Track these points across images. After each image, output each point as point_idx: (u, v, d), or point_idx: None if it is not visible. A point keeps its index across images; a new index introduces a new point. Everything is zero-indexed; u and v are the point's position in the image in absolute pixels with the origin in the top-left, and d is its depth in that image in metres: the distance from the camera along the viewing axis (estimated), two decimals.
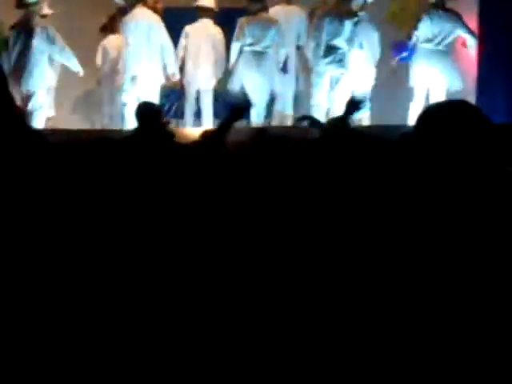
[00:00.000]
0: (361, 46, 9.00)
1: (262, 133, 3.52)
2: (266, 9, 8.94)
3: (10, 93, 2.48)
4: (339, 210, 2.62)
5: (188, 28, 9.12)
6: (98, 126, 9.41)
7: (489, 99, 8.58)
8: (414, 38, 8.80)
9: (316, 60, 8.86)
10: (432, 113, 2.35)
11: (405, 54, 8.97)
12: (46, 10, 8.69)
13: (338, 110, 8.02)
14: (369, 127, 8.66)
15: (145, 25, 8.52)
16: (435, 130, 2.30)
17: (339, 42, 8.79)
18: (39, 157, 2.40)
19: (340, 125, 4.58)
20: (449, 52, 8.89)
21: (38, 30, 8.43)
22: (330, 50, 8.78)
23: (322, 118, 7.95)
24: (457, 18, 8.78)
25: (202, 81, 9.12)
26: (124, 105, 8.58)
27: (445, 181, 2.27)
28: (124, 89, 8.57)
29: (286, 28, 9.03)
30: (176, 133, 5.41)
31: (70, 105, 9.70)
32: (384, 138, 3.30)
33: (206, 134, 4.18)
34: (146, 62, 8.54)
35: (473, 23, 8.97)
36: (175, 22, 9.11)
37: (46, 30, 8.46)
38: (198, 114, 9.42)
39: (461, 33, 8.80)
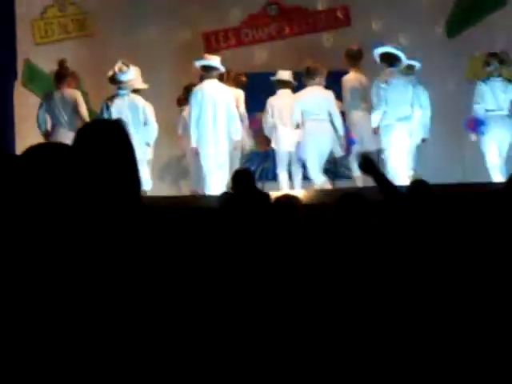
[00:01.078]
0: None
1: (349, 195, 3.55)
2: None
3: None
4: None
5: (271, 99, 9.28)
6: (185, 192, 9.58)
7: None
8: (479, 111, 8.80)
9: None
10: None
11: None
12: (139, 85, 8.89)
13: None
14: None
15: (211, 96, 8.68)
16: None
17: None
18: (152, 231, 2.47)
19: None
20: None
21: (129, 107, 8.66)
22: None
23: None
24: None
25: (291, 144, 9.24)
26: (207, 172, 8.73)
27: None
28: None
29: None
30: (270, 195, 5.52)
31: (158, 172, 9.90)
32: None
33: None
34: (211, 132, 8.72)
35: None
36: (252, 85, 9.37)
37: (137, 109, 8.69)
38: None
39: None
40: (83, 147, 2.47)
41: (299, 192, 8.01)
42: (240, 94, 9.07)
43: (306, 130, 8.86)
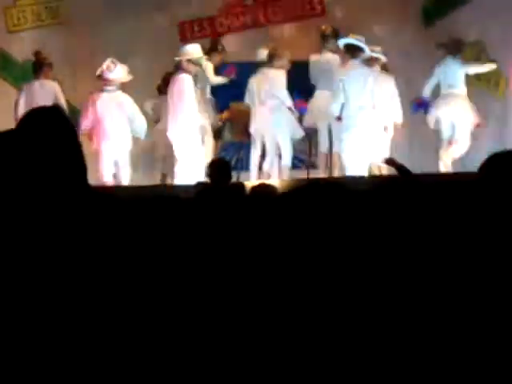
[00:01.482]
0: None
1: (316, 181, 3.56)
2: None
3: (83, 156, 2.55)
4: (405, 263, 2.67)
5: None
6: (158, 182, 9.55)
7: None
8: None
9: None
10: (499, 160, 2.41)
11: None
12: (124, 79, 9.02)
13: None
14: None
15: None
16: (502, 177, 2.35)
17: None
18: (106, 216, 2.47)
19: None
20: None
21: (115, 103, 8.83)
22: None
23: None
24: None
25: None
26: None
27: (506, 229, 2.32)
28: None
29: None
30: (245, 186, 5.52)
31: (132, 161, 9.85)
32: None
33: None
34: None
35: None
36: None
37: (124, 105, 8.87)
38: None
39: None
40: (24, 134, 2.45)
41: (275, 181, 8.01)
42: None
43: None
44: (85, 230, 2.38)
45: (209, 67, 9.34)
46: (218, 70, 9.50)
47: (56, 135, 2.45)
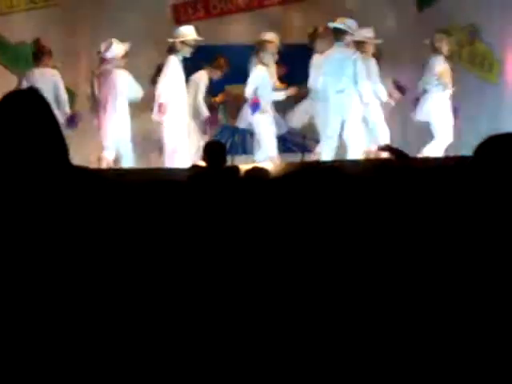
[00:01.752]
0: None
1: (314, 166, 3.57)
2: None
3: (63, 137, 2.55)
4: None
5: None
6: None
7: None
8: None
9: None
10: (491, 145, 2.41)
11: None
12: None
13: None
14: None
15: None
16: (493, 162, 2.36)
17: None
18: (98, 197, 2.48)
19: None
20: None
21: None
22: None
23: None
24: None
25: None
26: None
27: (500, 213, 2.33)
28: None
29: None
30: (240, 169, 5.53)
31: None
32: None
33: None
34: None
35: None
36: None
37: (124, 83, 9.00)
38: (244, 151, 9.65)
39: None
40: (1, 118, 2.47)
41: (269, 165, 8.01)
42: None
43: None
44: (69, 210, 2.39)
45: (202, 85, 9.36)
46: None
47: (33, 117, 2.47)
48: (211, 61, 9.47)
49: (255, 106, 9.18)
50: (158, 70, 9.29)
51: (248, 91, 9.11)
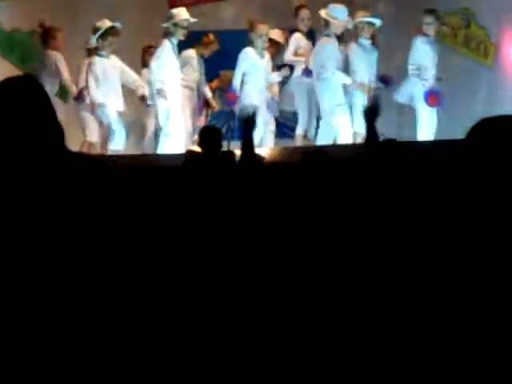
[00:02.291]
0: None
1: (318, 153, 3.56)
2: None
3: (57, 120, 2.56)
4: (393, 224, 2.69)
5: None
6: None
7: None
8: None
9: None
10: (484, 127, 2.42)
11: None
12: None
13: None
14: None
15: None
16: (486, 144, 2.36)
17: None
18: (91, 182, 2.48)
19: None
20: None
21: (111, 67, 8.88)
22: None
23: None
24: None
25: None
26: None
27: (493, 194, 2.33)
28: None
29: None
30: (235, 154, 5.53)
31: None
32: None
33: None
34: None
35: None
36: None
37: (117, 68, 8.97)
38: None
39: None
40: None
41: (263, 150, 8.02)
42: None
43: None
44: (64, 195, 2.39)
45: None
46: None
47: (29, 102, 2.47)
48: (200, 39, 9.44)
49: (232, 103, 9.18)
50: (144, 52, 9.27)
51: (235, 78, 9.08)
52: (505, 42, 9.54)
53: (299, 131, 9.48)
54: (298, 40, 9.43)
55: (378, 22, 9.12)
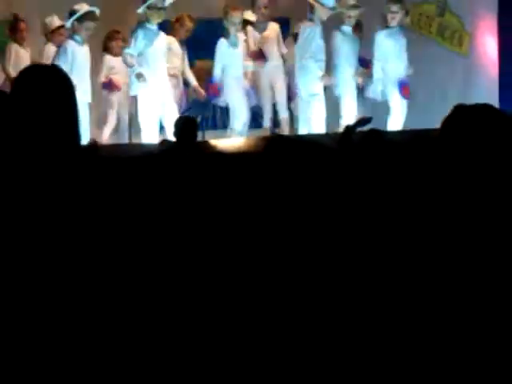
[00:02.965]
0: None
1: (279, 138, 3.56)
2: None
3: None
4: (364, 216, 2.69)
5: None
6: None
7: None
8: None
9: None
10: (458, 116, 2.43)
11: None
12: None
13: None
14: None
15: None
16: (459, 133, 2.38)
17: None
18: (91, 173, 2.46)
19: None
20: None
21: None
22: None
23: None
24: None
25: None
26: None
27: (468, 182, 2.34)
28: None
29: None
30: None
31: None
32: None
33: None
34: None
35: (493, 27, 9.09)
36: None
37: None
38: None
39: None
40: (21, 93, 2.43)
41: (240, 139, 8.01)
42: None
43: None
44: (76, 190, 2.38)
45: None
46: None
47: (52, 93, 2.43)
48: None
49: (213, 96, 9.13)
50: (109, 37, 9.20)
51: (216, 69, 9.00)
52: (479, 31, 9.57)
53: (267, 123, 9.47)
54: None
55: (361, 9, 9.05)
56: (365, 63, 9.29)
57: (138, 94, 8.65)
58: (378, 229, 2.58)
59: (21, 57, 8.98)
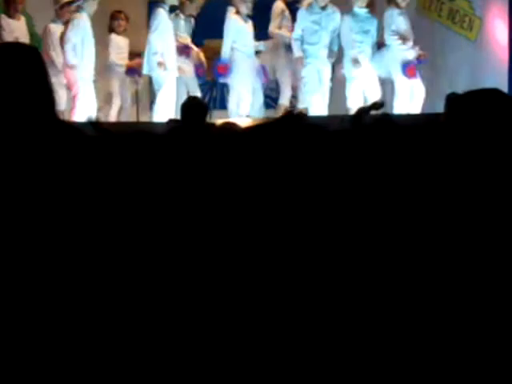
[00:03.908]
0: None
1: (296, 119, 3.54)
2: None
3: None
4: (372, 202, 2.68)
5: None
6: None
7: None
8: None
9: None
10: (465, 100, 2.41)
11: None
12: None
13: None
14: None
15: None
16: (467, 117, 2.36)
17: None
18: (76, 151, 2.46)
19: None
20: None
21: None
22: None
23: None
24: None
25: None
26: None
27: (474, 168, 2.33)
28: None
29: None
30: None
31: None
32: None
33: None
34: None
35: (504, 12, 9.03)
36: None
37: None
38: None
39: None
40: None
41: (248, 120, 8.00)
42: None
43: None
44: (53, 163, 2.37)
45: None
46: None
47: (23, 69, 2.44)
48: None
49: (223, 74, 9.08)
50: (112, 17, 9.15)
51: (225, 48, 8.98)
52: (489, 15, 9.52)
53: (282, 101, 9.44)
54: (281, 10, 9.35)
55: None
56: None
57: (157, 75, 8.64)
58: (387, 211, 2.56)
59: (12, 29, 8.80)
